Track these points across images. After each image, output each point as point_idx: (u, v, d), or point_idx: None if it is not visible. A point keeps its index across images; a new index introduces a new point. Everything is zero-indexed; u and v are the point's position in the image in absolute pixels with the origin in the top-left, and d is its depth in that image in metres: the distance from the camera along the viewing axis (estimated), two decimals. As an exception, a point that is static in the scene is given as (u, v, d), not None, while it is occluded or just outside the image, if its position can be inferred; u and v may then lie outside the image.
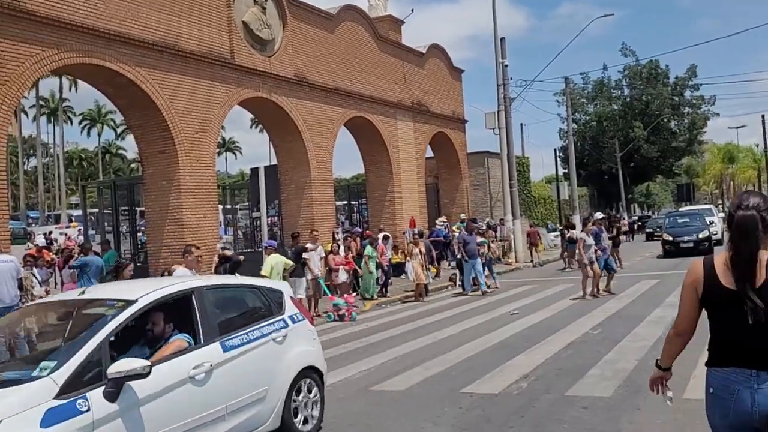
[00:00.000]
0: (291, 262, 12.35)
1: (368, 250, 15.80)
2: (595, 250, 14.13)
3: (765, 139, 44.34)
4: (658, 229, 33.44)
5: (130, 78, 13.46)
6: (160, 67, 14.14)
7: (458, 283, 17.65)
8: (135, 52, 13.59)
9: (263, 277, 11.17)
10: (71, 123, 64.14)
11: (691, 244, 22.30)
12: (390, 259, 17.60)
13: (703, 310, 2.83)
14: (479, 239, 17.44)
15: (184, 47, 14.73)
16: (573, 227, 22.84)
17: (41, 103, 59.56)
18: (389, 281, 16.84)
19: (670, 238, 23.40)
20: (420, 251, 15.97)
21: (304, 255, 13.49)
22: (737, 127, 59.87)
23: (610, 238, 17.15)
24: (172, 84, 14.41)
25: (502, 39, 25.65)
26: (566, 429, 5.30)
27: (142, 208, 15.66)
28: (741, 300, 2.65)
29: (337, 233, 18.56)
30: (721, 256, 2.78)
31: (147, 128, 14.55)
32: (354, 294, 15.34)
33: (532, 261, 23.46)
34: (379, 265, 16.15)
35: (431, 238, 20.22)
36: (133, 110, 14.53)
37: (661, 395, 3.09)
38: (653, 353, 7.94)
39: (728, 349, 2.74)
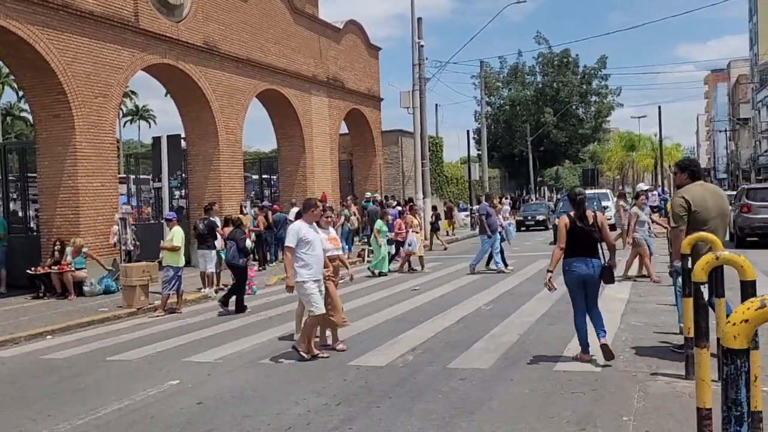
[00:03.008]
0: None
1: (379, 223, 15.24)
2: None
3: (660, 128, 47.02)
4: (530, 218, 30.28)
5: (20, 36, 12.67)
6: (56, 27, 13.39)
7: (367, 258, 17.80)
8: (28, 9, 12.80)
9: (174, 248, 10.93)
10: (-35, 81, 59.50)
11: None
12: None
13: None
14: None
15: (83, 7, 13.99)
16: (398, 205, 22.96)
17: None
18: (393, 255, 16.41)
19: None
20: (418, 222, 16.38)
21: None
22: (639, 117, 62.94)
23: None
24: (69, 45, 13.68)
25: (419, 19, 25.82)
26: (441, 399, 5.53)
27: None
28: (584, 231, 6.24)
29: (245, 206, 18.31)
30: (573, 212, 6.34)
31: (40, 90, 13.78)
32: (256, 267, 15.26)
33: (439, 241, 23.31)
34: (392, 241, 15.81)
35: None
36: (25, 71, 13.71)
37: (548, 289, 6.52)
38: (536, 327, 8.40)
39: (576, 250, 6.27)
